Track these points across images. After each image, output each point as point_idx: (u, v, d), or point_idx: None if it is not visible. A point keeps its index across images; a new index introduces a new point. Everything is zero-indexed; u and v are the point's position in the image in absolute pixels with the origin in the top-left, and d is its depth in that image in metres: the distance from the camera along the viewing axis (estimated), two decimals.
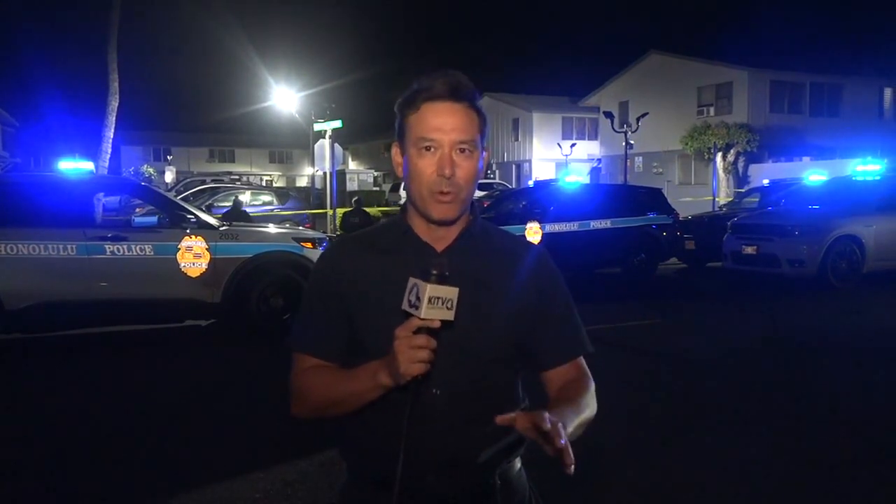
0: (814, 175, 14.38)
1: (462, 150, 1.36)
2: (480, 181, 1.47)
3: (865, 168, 12.36)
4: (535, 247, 1.55)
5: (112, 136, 16.21)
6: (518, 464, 1.50)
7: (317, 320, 1.47)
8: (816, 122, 31.02)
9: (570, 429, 1.27)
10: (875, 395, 5.40)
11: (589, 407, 1.39)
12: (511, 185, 35.82)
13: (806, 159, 26.18)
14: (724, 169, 29.24)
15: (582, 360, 1.51)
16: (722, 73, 31.71)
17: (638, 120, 26.92)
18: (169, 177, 36.48)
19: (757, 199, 16.34)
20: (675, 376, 6.08)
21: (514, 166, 42.56)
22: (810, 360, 6.54)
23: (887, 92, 33.53)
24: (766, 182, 19.28)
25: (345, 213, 15.61)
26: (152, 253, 6.88)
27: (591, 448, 4.32)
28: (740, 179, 28.75)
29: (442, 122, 1.35)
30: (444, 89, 1.36)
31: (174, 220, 7.13)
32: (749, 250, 11.42)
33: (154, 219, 7.32)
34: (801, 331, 7.91)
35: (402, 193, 32.37)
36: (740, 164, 29.37)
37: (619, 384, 5.60)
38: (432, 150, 1.36)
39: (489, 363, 1.41)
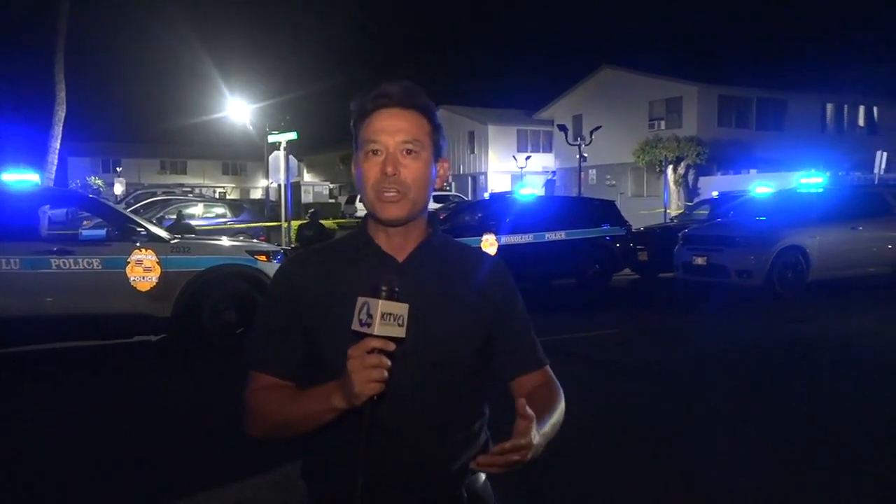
0: (760, 187, 14.78)
1: (408, 151, 1.36)
2: (436, 193, 1.47)
3: (809, 181, 12.75)
4: (492, 258, 1.56)
5: (59, 147, 15.77)
6: (483, 476, 1.49)
7: (273, 337, 1.42)
8: (763, 136, 31.96)
9: (546, 428, 1.35)
10: (820, 397, 5.55)
11: (557, 411, 1.44)
12: (467, 197, 35.95)
13: (753, 172, 26.90)
14: (675, 181, 29.89)
15: (549, 369, 1.55)
16: (672, 88, 32.44)
17: (591, 133, 27.38)
18: (118, 189, 35.63)
19: (707, 211, 16.69)
20: (630, 385, 6.15)
21: (469, 178, 42.77)
22: (758, 368, 6.70)
23: (829, 107, 34.76)
24: (715, 194, 19.72)
25: (300, 226, 15.48)
26: (100, 267, 6.70)
27: (546, 459, 4.35)
28: (690, 191, 29.39)
29: (388, 124, 1.36)
30: (393, 97, 1.37)
31: (123, 233, 6.96)
32: (699, 261, 11.67)
33: (102, 232, 7.15)
34: (749, 339, 8.09)
35: (359, 205, 32.22)
36: (690, 177, 30.04)
37: (575, 394, 5.62)
38: (378, 152, 1.36)
39: (451, 375, 1.41)
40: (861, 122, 35.72)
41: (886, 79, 33.38)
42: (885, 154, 19.55)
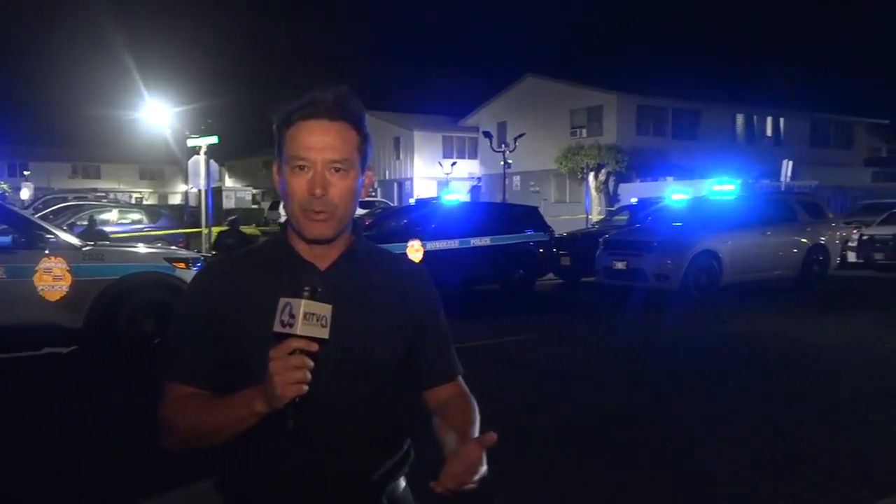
0: (676, 194, 15.31)
1: (336, 170, 1.33)
2: (362, 199, 1.45)
3: (721, 188, 13.29)
4: (417, 266, 1.57)
5: None
6: (403, 482, 1.49)
7: (189, 346, 1.38)
8: (678, 145, 33.21)
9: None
10: (734, 394, 5.79)
11: (477, 422, 1.45)
12: (393, 202, 35.91)
13: (670, 179, 27.89)
14: (596, 188, 30.69)
15: (461, 379, 1.56)
16: (593, 97, 33.34)
17: (515, 140, 27.84)
18: (25, 193, 33.88)
19: (626, 217, 17.18)
20: (563, 386, 6.25)
21: (395, 184, 42.73)
22: (675, 368, 6.92)
23: (739, 118, 36.47)
24: (634, 200, 20.30)
25: (219, 233, 15.08)
26: (5, 276, 6.34)
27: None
28: (611, 198, 30.23)
29: (315, 140, 1.32)
30: (319, 107, 1.33)
31: (31, 240, 6.61)
32: (619, 265, 11.99)
33: (8, 238, 6.77)
34: (666, 341, 8.35)
35: (283, 211, 31.59)
36: (611, 183, 30.90)
37: (500, 398, 5.70)
38: (305, 168, 1.33)
39: (373, 382, 1.40)
40: (769, 132, 37.60)
41: (791, 93, 35.29)
42: (790, 163, 20.64)
